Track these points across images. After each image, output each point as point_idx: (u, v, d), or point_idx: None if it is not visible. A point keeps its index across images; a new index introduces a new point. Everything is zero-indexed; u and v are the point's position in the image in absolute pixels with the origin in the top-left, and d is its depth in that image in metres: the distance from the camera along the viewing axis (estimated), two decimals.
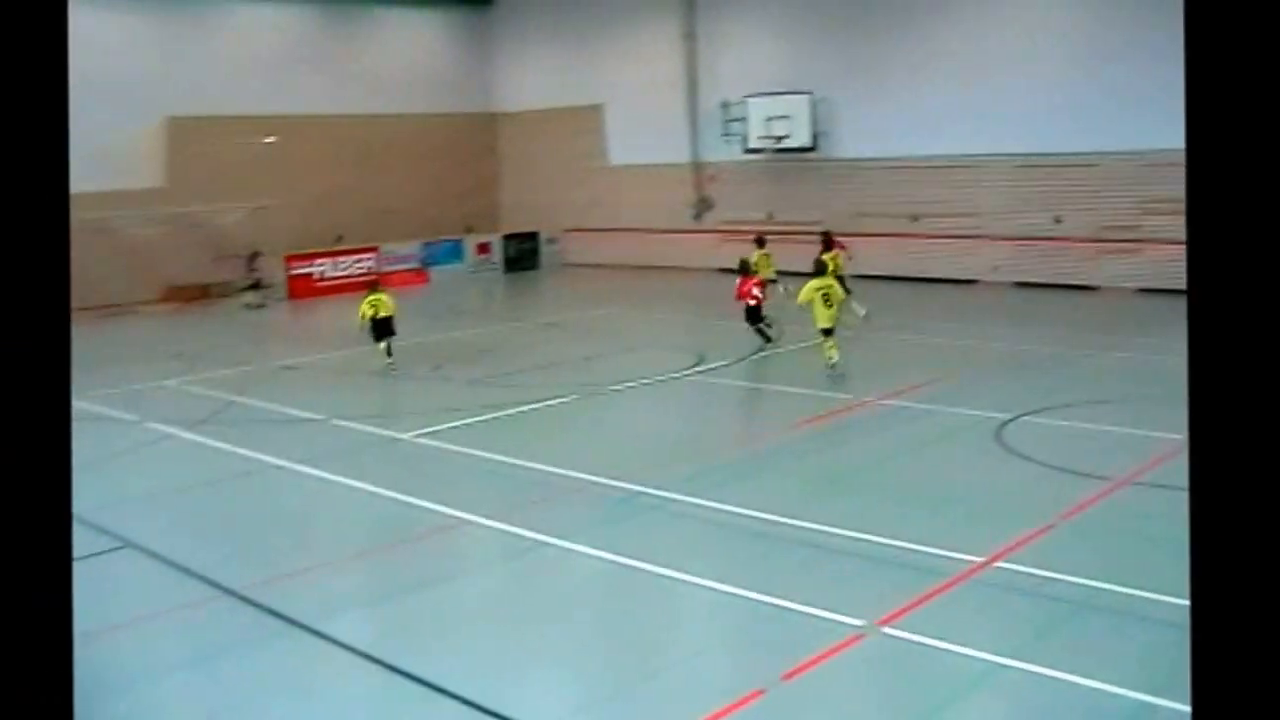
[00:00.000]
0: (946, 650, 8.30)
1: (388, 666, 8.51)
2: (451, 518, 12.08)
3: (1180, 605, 5.74)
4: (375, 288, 22.20)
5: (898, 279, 28.94)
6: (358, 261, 35.21)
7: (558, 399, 17.80)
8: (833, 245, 23.24)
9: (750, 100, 33.13)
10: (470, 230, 39.10)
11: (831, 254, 22.39)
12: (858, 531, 10.94)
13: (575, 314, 26.75)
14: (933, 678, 8.09)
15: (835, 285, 18.89)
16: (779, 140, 32.55)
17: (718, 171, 35.32)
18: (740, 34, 34.34)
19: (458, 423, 16.36)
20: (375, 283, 23.61)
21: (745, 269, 21.75)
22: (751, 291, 21.17)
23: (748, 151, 33.65)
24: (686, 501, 12.28)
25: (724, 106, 34.32)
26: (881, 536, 10.72)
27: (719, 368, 19.79)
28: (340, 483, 13.68)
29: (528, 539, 11.30)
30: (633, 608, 9.74)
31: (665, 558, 10.50)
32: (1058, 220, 28.25)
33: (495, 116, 41.64)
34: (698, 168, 35.74)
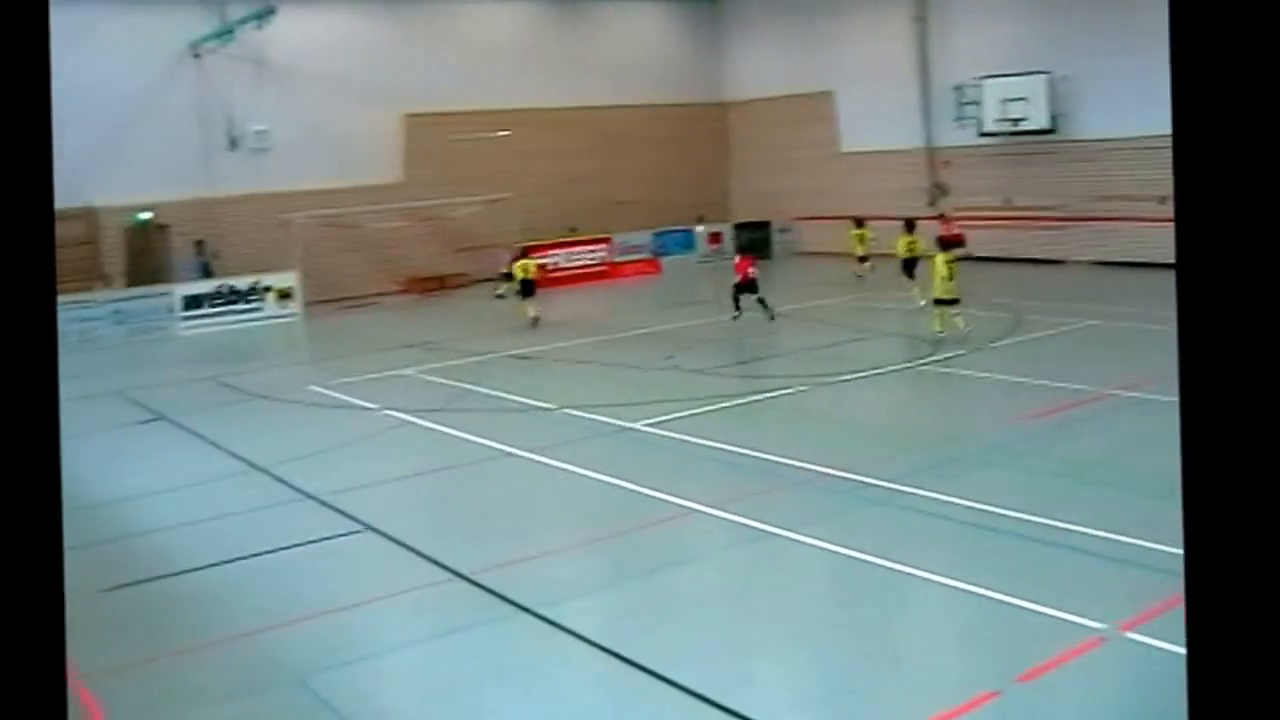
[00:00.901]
0: None
1: (613, 654, 8.54)
2: (679, 507, 12.06)
3: None
4: (525, 255, 27.23)
5: (1143, 265, 27.53)
6: (590, 252, 35.74)
7: (788, 389, 17.61)
8: (913, 229, 26.16)
9: (985, 82, 32.15)
10: (701, 220, 39.20)
11: (910, 238, 25.62)
12: (1098, 529, 10.39)
13: (806, 303, 26.44)
14: (1180, 688, 7.57)
15: (945, 260, 20.72)
16: (1015, 123, 31.45)
17: (952, 156, 34.42)
18: (972, 13, 33.31)
19: (687, 412, 16.37)
20: (525, 251, 27.83)
21: (743, 249, 26.96)
22: (747, 271, 24.46)
23: (983, 135, 32.68)
24: (916, 494, 11.92)
25: (957, 89, 33.40)
26: (1125, 535, 10.14)
27: (953, 357, 19.22)
28: (570, 471, 13.85)
29: (755, 529, 11.18)
30: (859, 601, 9.50)
31: (893, 551, 10.22)
32: None
33: (725, 105, 41.63)
34: (931, 153, 34.91)
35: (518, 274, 26.83)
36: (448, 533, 11.89)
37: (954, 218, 30.87)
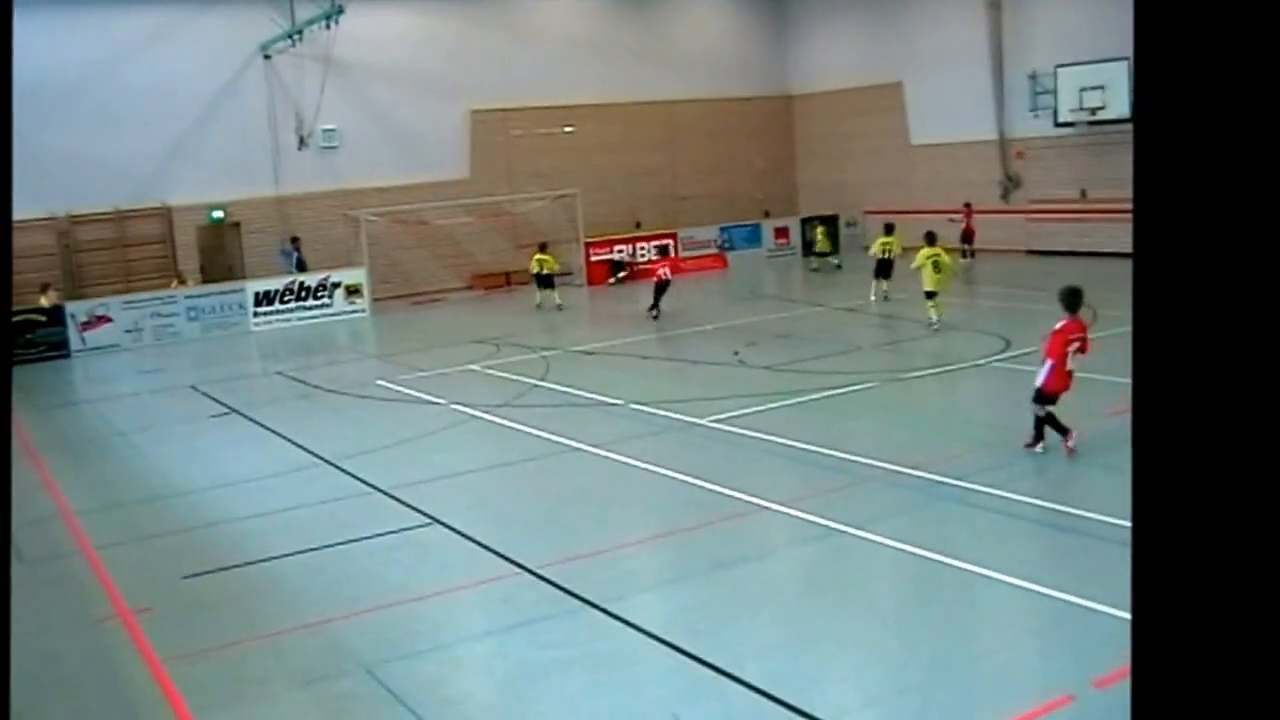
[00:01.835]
0: None
1: (678, 649, 8.46)
2: (747, 503, 11.96)
3: None
4: (544, 249, 28.92)
5: None
6: (656, 246, 35.66)
7: (857, 385, 17.43)
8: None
9: (1060, 70, 31.60)
10: (768, 215, 39.00)
11: (887, 239, 26.28)
12: None
13: (876, 297, 26.17)
14: None
15: (943, 254, 22.17)
16: (1093, 112, 30.85)
17: (1025, 147, 33.90)
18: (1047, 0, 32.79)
19: (756, 408, 16.25)
20: (544, 245, 29.33)
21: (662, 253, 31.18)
22: (663, 273, 26.60)
23: (1059, 125, 32.15)
24: (988, 492, 11.72)
25: (1032, 78, 32.91)
26: None
27: (1026, 353, 18.88)
28: (637, 466, 13.79)
29: (823, 526, 11.05)
30: (930, 601, 9.34)
31: (965, 550, 10.05)
32: None
33: (791, 98, 41.35)
34: (1004, 144, 34.40)
35: (533, 268, 28.69)
36: (514, 527, 11.89)
37: (973, 211, 32.63)
